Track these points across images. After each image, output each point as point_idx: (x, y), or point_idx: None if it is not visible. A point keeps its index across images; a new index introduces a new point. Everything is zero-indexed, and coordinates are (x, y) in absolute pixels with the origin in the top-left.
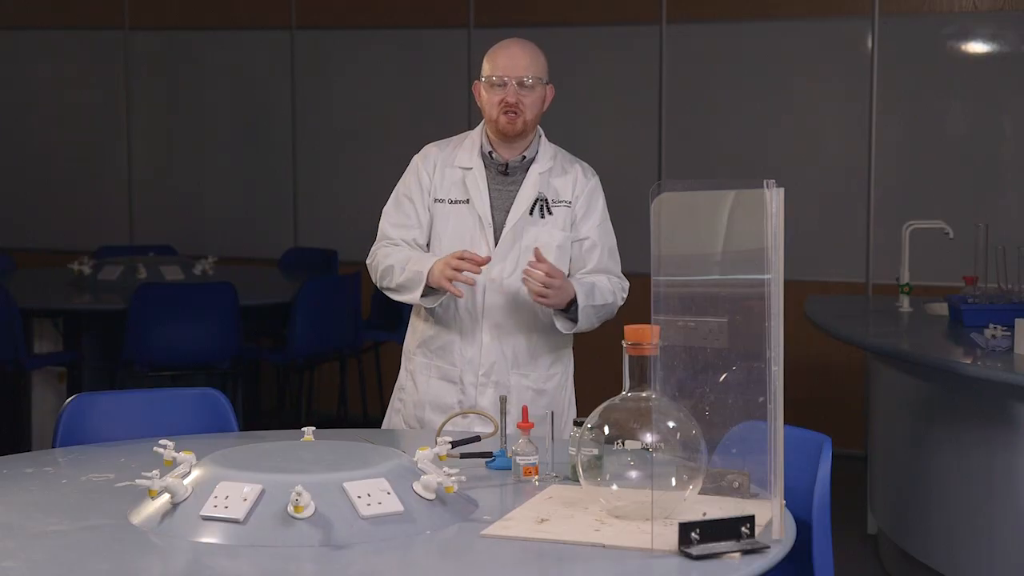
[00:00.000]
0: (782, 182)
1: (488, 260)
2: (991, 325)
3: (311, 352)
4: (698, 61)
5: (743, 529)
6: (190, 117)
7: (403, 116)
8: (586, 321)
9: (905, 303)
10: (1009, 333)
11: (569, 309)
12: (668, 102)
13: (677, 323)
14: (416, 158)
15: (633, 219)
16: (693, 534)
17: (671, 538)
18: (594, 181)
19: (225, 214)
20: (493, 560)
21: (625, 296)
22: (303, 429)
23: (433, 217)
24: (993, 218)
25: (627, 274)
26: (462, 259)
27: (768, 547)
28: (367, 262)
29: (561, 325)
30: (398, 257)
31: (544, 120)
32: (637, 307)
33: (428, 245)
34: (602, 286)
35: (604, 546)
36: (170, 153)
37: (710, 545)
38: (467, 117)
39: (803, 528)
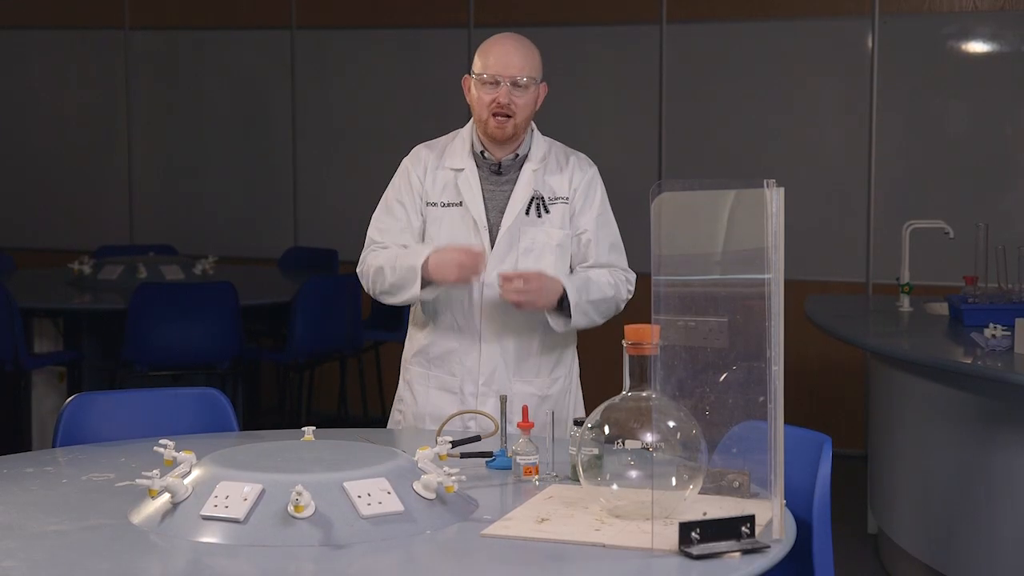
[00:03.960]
0: (782, 182)
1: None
2: (991, 325)
3: (311, 352)
4: (698, 61)
5: (743, 529)
6: (190, 117)
7: (403, 116)
8: (583, 318)
9: (905, 303)
10: (1009, 333)
11: (562, 306)
12: (668, 102)
13: (677, 323)
14: (406, 161)
15: (633, 219)
16: (693, 534)
17: (671, 538)
18: (591, 172)
19: (225, 214)
20: (493, 560)
21: (632, 289)
22: (303, 429)
23: (426, 221)
24: (993, 218)
25: None
26: (465, 256)
27: (768, 547)
28: (357, 270)
29: (554, 323)
30: (386, 257)
31: (544, 120)
32: (637, 307)
33: None
34: (599, 280)
35: (604, 546)
36: (170, 153)
37: (710, 545)
38: (467, 117)
39: (803, 528)
